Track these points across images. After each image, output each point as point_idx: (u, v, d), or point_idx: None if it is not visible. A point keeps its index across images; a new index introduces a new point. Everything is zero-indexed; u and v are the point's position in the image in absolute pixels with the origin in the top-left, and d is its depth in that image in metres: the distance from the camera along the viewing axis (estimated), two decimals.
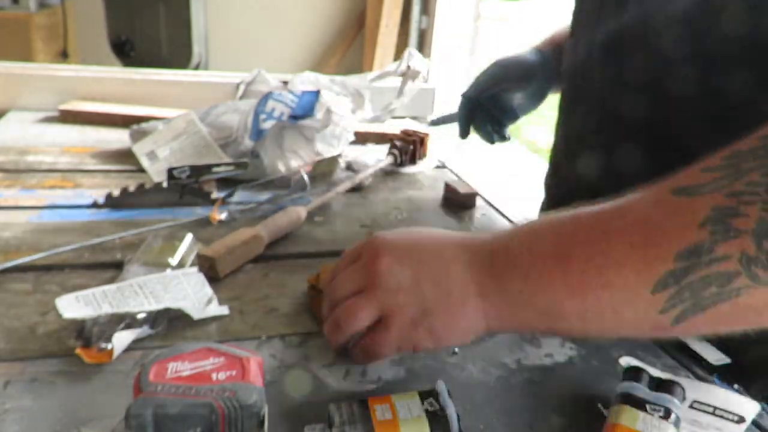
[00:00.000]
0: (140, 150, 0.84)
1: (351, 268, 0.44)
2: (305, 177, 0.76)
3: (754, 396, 0.43)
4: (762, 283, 0.33)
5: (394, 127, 1.09)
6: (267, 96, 0.85)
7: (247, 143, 0.82)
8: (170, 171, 0.73)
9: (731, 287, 0.34)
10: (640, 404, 0.39)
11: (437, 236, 0.44)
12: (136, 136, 0.88)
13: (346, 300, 0.42)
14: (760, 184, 0.34)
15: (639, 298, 0.36)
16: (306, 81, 1.07)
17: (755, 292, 0.34)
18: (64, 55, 2.44)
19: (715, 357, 0.51)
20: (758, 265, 0.33)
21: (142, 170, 0.82)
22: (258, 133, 0.82)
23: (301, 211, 0.68)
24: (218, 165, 0.76)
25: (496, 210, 0.80)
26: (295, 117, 0.84)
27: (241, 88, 1.13)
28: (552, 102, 0.81)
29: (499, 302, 0.40)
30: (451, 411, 0.36)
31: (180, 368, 0.35)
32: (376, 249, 0.42)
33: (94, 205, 0.71)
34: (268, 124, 0.82)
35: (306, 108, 0.85)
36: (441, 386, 0.38)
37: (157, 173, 0.80)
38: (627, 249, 0.37)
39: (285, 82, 1.10)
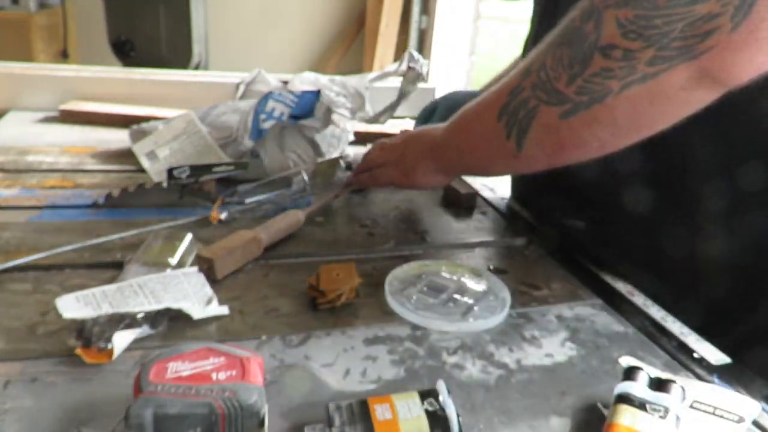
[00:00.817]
0: (140, 150, 0.84)
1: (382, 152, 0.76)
2: (305, 177, 0.76)
3: (754, 396, 0.43)
4: (541, 101, 0.50)
5: (394, 127, 1.09)
6: (267, 96, 0.85)
7: (247, 143, 0.82)
8: (170, 171, 0.73)
9: (528, 108, 0.52)
10: (639, 404, 0.39)
11: (419, 137, 0.71)
12: (136, 136, 0.88)
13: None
14: (550, 43, 0.51)
15: (492, 128, 0.55)
16: (306, 81, 1.07)
17: (544, 108, 0.50)
18: (64, 55, 2.44)
19: (715, 357, 0.51)
20: (539, 88, 0.51)
21: (142, 170, 0.82)
22: (258, 133, 0.82)
23: (300, 215, 0.68)
24: (218, 165, 0.76)
25: (496, 210, 0.80)
26: (295, 117, 0.84)
27: (241, 88, 1.12)
28: None
29: (443, 170, 0.69)
30: (451, 411, 0.36)
31: (180, 368, 0.35)
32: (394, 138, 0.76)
33: (94, 205, 0.71)
34: (268, 124, 0.82)
35: (306, 108, 0.85)
36: (441, 386, 0.38)
37: (157, 173, 0.80)
38: (486, 100, 0.57)
39: (285, 82, 1.10)
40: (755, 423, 0.42)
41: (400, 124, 1.14)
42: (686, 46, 0.42)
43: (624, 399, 0.40)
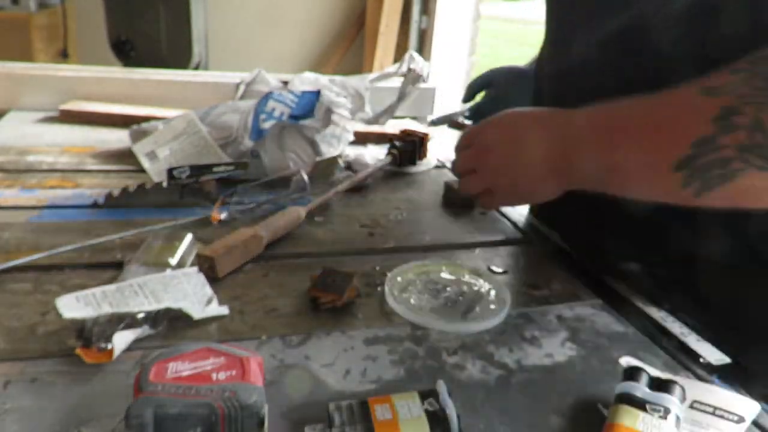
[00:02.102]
0: (140, 150, 0.84)
1: (467, 152, 0.62)
2: (305, 177, 0.76)
3: (754, 396, 0.43)
4: (752, 165, 0.43)
5: (394, 127, 1.10)
6: (267, 96, 0.85)
7: (247, 143, 0.82)
8: (170, 171, 0.73)
9: (729, 169, 0.44)
10: (640, 404, 0.39)
11: (524, 126, 0.58)
12: (136, 136, 0.88)
13: (465, 175, 0.62)
14: (761, 88, 0.43)
15: (663, 174, 0.47)
16: (306, 81, 1.07)
17: (749, 174, 0.44)
18: (64, 55, 2.44)
19: (715, 357, 0.51)
20: (750, 151, 0.43)
21: (142, 170, 0.82)
22: (258, 133, 0.82)
23: (301, 211, 0.68)
24: (218, 165, 0.76)
25: (496, 210, 0.80)
26: (295, 117, 0.84)
27: (241, 88, 1.13)
28: None
29: (566, 174, 0.55)
30: (451, 411, 0.36)
31: (180, 368, 0.35)
32: (485, 144, 0.60)
33: (94, 205, 0.71)
34: (268, 124, 0.82)
35: (306, 108, 0.85)
36: (441, 386, 0.38)
37: (157, 173, 0.80)
38: (655, 137, 0.49)
39: (285, 82, 1.10)
40: (755, 423, 0.42)
41: (400, 124, 1.14)
42: None
43: (624, 399, 0.40)
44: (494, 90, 0.92)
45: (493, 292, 0.57)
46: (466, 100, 0.95)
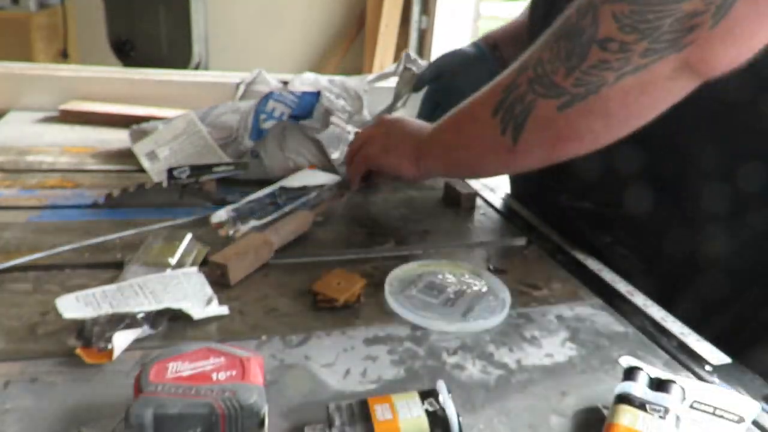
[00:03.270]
0: (140, 150, 0.84)
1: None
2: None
3: (754, 396, 0.43)
4: (541, 95, 0.52)
5: None
6: (267, 96, 0.85)
7: (247, 143, 0.82)
8: (170, 171, 0.73)
9: (525, 102, 0.53)
10: (639, 404, 0.39)
11: (402, 125, 0.71)
12: (136, 136, 0.88)
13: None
14: (548, 41, 0.52)
15: (486, 124, 0.56)
16: (306, 82, 1.07)
17: (542, 102, 0.52)
18: (64, 55, 2.44)
19: (715, 357, 0.51)
20: (537, 83, 0.52)
21: (142, 170, 0.82)
22: (258, 133, 0.82)
23: (309, 216, 0.68)
24: (218, 165, 0.76)
25: (496, 210, 0.80)
26: (295, 117, 0.84)
27: (241, 88, 1.13)
28: None
29: (420, 155, 0.67)
30: (451, 411, 0.36)
31: (180, 368, 0.35)
32: (367, 133, 0.75)
33: (94, 205, 0.71)
34: (268, 124, 0.82)
35: (306, 109, 0.85)
36: (441, 386, 0.38)
37: (157, 173, 0.80)
38: (479, 98, 0.58)
39: (285, 83, 1.10)
40: (755, 423, 0.42)
41: None
42: (674, 39, 0.46)
43: (624, 399, 0.40)
44: (445, 80, 0.91)
45: (493, 292, 0.57)
46: (416, 89, 0.94)
